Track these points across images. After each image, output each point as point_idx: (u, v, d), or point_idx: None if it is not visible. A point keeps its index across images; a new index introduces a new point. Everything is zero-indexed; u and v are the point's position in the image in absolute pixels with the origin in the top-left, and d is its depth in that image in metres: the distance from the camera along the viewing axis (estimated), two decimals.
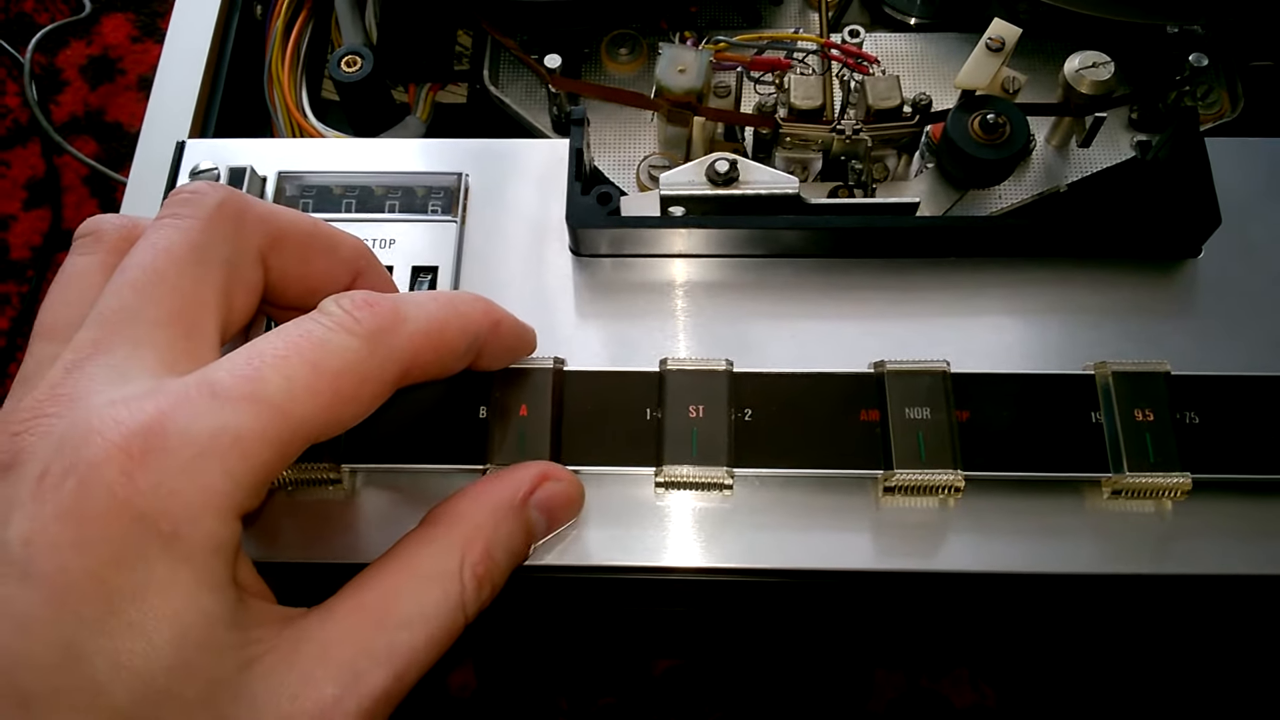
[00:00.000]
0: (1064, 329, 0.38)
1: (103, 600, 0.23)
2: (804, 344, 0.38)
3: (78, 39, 0.86)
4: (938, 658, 0.61)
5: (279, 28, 0.51)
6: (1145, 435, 0.34)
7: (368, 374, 0.27)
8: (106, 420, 0.24)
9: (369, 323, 0.27)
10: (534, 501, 0.32)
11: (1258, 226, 0.39)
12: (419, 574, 0.28)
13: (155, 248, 0.28)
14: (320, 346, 0.26)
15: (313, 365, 0.26)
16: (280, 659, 0.25)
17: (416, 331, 0.28)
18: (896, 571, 0.35)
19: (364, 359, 0.27)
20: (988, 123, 0.39)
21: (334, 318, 0.27)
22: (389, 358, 0.28)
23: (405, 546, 0.29)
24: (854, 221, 0.39)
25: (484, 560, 0.29)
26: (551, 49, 0.44)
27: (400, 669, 0.26)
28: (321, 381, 0.26)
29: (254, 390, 0.25)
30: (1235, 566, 0.34)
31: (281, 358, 0.26)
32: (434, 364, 0.30)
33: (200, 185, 0.29)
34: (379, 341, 0.27)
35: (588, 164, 0.41)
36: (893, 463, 0.34)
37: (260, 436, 0.25)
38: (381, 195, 0.42)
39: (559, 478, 0.33)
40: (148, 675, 0.23)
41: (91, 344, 0.26)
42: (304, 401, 0.26)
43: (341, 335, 0.27)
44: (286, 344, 0.26)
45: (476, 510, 0.31)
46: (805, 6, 0.50)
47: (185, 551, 0.24)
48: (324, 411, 0.26)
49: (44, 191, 0.81)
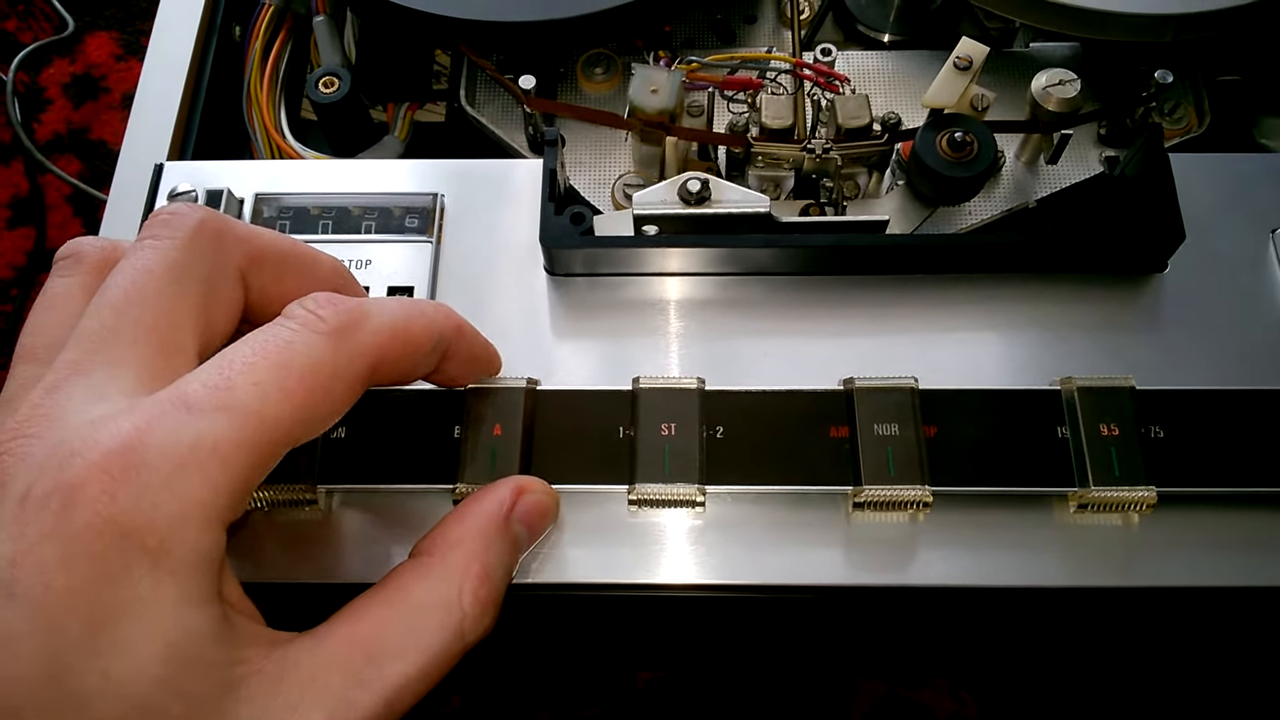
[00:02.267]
0: (1032, 344, 0.38)
1: (88, 618, 0.23)
2: (775, 361, 0.38)
3: (61, 57, 0.86)
4: (916, 667, 0.61)
5: (258, 49, 0.51)
6: (1110, 450, 0.34)
7: (337, 370, 0.28)
8: (86, 440, 0.24)
9: (333, 320, 0.28)
10: (515, 515, 0.32)
11: (1222, 241, 0.40)
12: (415, 604, 0.28)
13: (134, 269, 0.28)
14: (287, 348, 0.27)
15: (281, 367, 0.26)
16: (266, 682, 0.25)
17: (381, 327, 0.29)
18: (867, 586, 0.35)
19: (331, 356, 0.27)
20: (955, 141, 0.39)
21: (299, 319, 0.28)
22: (357, 353, 0.28)
23: (399, 576, 0.30)
24: (824, 240, 0.39)
25: (484, 583, 0.30)
26: (527, 69, 0.44)
27: (391, 698, 0.27)
28: (292, 382, 0.26)
29: (227, 399, 0.25)
30: (1201, 579, 0.35)
31: (250, 364, 0.26)
32: (402, 360, 0.30)
33: (179, 206, 0.30)
34: (344, 337, 0.28)
35: (562, 183, 0.41)
36: (862, 478, 0.34)
37: (238, 444, 0.25)
38: (358, 216, 0.42)
39: (534, 489, 0.33)
40: (133, 691, 0.23)
41: (71, 365, 0.26)
42: (277, 404, 0.26)
43: (307, 335, 0.27)
44: (254, 350, 0.27)
45: (467, 534, 0.31)
46: (779, 25, 0.51)
47: (170, 566, 0.24)
48: (298, 411, 0.27)
49: (28, 210, 0.81)
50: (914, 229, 0.42)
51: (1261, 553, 0.35)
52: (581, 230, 0.39)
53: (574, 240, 0.39)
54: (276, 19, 0.52)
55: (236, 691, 0.25)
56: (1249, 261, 0.40)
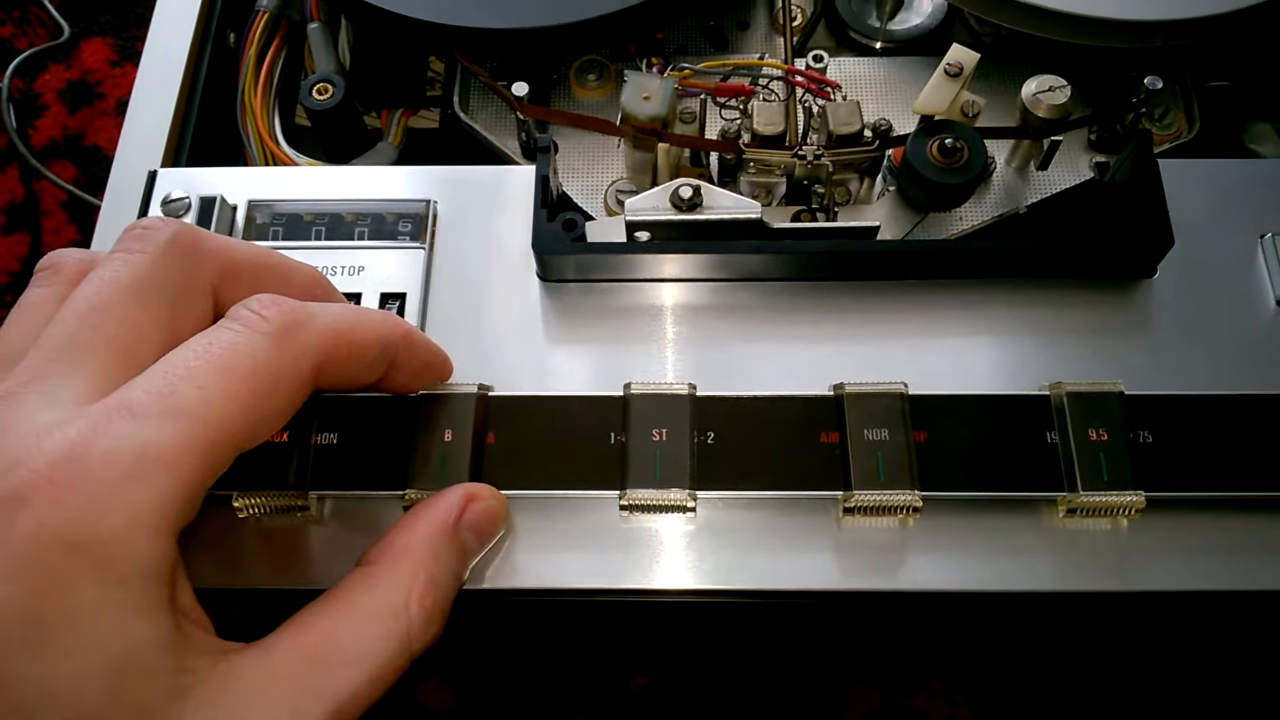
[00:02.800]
0: (1022, 349, 0.38)
1: (32, 627, 0.23)
2: (766, 366, 0.38)
3: (56, 63, 0.86)
4: (910, 672, 0.61)
5: (252, 55, 0.51)
6: (1099, 455, 0.34)
7: (281, 370, 0.28)
8: (31, 449, 0.24)
9: (276, 320, 0.28)
10: (464, 523, 0.32)
11: (1211, 247, 0.40)
12: (362, 613, 0.28)
13: (101, 280, 0.28)
14: (230, 350, 0.27)
15: (225, 369, 0.26)
16: (212, 692, 0.25)
17: (326, 328, 0.29)
18: (858, 591, 0.35)
19: (275, 356, 0.27)
20: (946, 147, 0.40)
21: (242, 320, 0.28)
22: (301, 353, 0.28)
23: (346, 586, 0.29)
24: (816, 246, 0.39)
25: (430, 591, 0.29)
26: (521, 75, 0.44)
27: (340, 707, 0.26)
28: (235, 384, 0.26)
29: (171, 404, 0.25)
30: (1190, 583, 0.35)
31: (193, 368, 0.26)
32: (349, 362, 0.30)
33: (154, 220, 0.30)
34: (288, 337, 0.28)
35: (555, 190, 0.42)
36: (852, 484, 0.34)
37: (184, 449, 0.25)
38: (351, 222, 0.42)
39: (483, 496, 0.33)
40: (77, 701, 0.23)
41: (29, 372, 0.26)
42: (221, 407, 0.26)
43: (250, 335, 0.27)
44: (197, 354, 0.27)
45: (414, 542, 0.31)
46: (772, 31, 0.51)
47: (117, 575, 0.24)
48: (244, 413, 0.27)
49: (23, 216, 0.81)
50: (905, 235, 0.42)
51: (1250, 557, 0.35)
52: (573, 237, 0.39)
53: (566, 246, 0.39)
54: (271, 25, 0.52)
55: (184, 701, 0.25)
56: (1238, 267, 0.40)
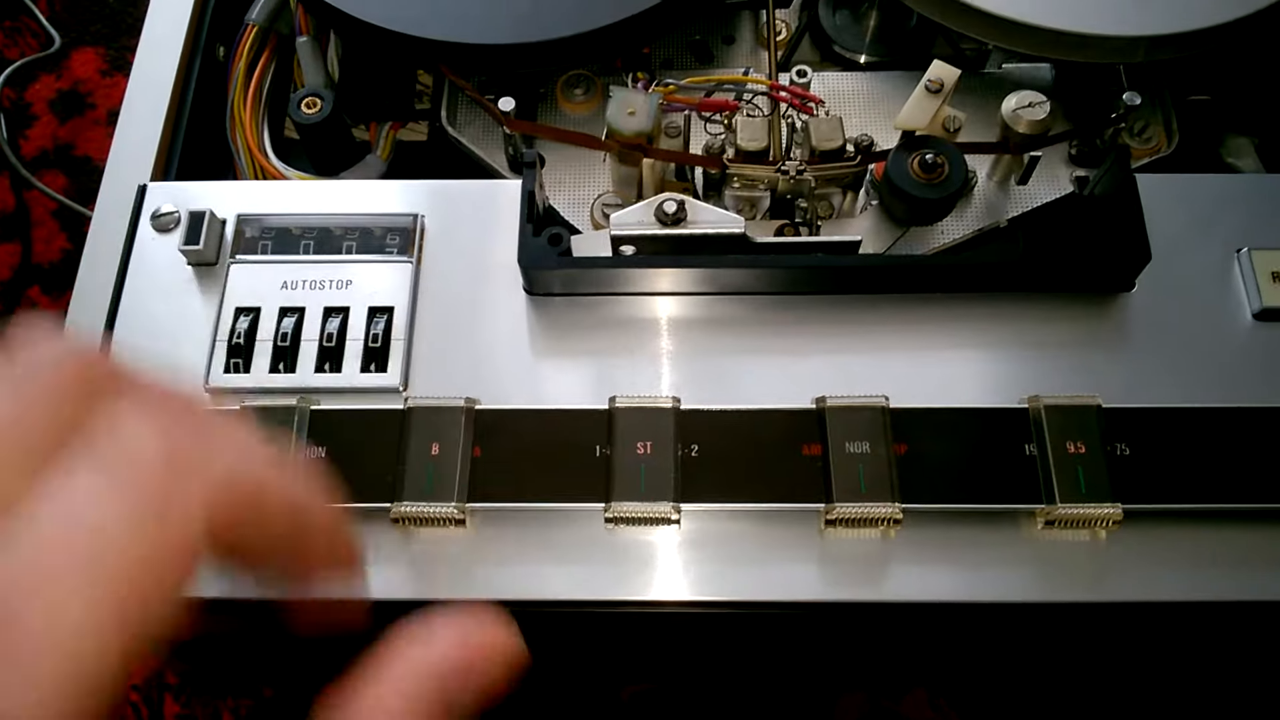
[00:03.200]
0: (1001, 363, 0.39)
1: None
2: (750, 379, 0.39)
3: (47, 73, 0.86)
4: (895, 679, 0.62)
5: (241, 69, 0.52)
6: (1077, 467, 0.35)
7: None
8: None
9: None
10: (453, 671, 0.21)
11: (1188, 261, 0.41)
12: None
13: None
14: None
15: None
16: None
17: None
18: (840, 602, 0.35)
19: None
20: (926, 163, 0.40)
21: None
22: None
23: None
24: (799, 260, 0.40)
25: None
26: (508, 90, 0.45)
27: None
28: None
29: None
30: (1166, 594, 0.35)
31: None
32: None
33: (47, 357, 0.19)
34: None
35: (541, 204, 0.42)
36: (833, 496, 0.35)
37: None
38: (339, 236, 0.43)
39: (482, 633, 0.21)
40: None
41: None
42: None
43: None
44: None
45: (386, 702, 0.20)
46: (757, 45, 0.52)
47: None
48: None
49: (13, 226, 0.81)
50: (887, 249, 0.43)
51: (1226, 568, 0.35)
52: (559, 251, 0.40)
53: (552, 261, 0.39)
54: (260, 39, 0.52)
55: None
56: (1215, 280, 0.40)
